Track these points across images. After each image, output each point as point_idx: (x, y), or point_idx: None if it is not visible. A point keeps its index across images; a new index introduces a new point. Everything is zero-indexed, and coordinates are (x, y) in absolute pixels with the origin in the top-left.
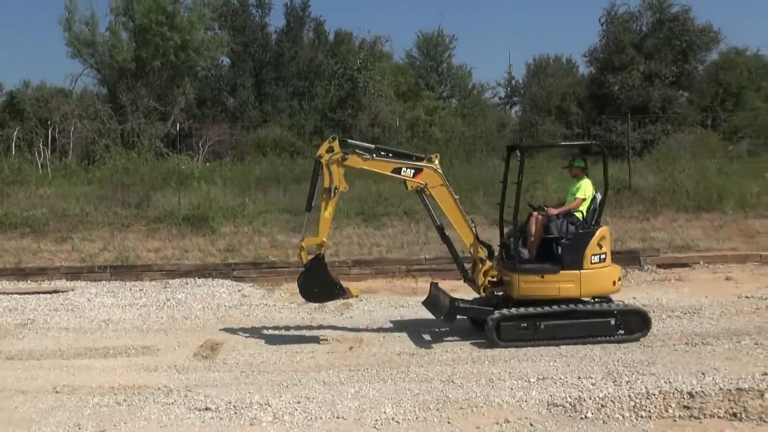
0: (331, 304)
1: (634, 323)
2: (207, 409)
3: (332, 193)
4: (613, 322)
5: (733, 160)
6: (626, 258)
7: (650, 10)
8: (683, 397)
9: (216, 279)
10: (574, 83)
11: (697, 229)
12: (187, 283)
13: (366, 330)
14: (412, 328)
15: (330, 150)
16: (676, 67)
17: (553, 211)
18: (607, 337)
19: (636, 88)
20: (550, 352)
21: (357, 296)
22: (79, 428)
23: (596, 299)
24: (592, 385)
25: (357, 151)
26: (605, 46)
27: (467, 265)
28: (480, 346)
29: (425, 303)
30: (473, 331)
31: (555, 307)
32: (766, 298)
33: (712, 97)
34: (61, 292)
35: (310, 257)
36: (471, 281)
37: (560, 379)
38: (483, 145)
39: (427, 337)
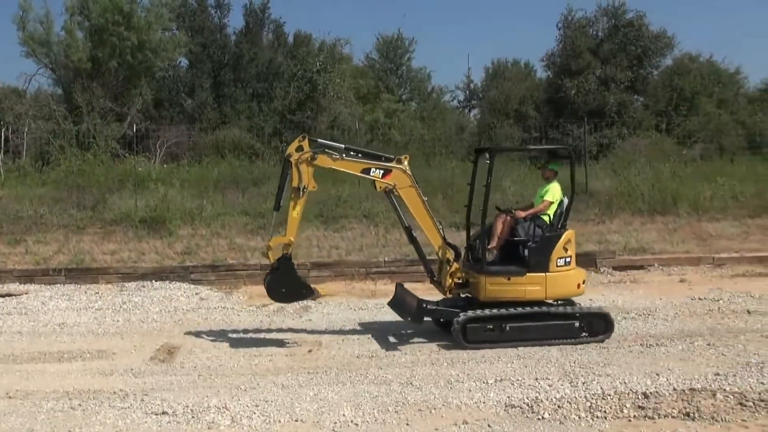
0: (290, 307)
1: (597, 326)
2: (164, 413)
3: (301, 193)
4: (577, 324)
5: (686, 164)
6: (582, 260)
7: (606, 15)
8: (638, 398)
9: (173, 282)
10: (531, 87)
11: (652, 231)
12: (143, 286)
13: (325, 332)
14: (371, 331)
15: (299, 149)
16: (631, 72)
17: (521, 214)
18: (571, 339)
19: (592, 93)
20: (508, 353)
21: (325, 296)
22: None
23: (559, 302)
24: (549, 386)
25: (327, 150)
26: (562, 51)
27: (434, 267)
28: (442, 347)
29: (391, 304)
30: (433, 332)
31: (520, 309)
32: (718, 300)
33: (667, 102)
34: (15, 295)
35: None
36: (437, 283)
37: (518, 380)
38: (442, 148)
39: (386, 339)
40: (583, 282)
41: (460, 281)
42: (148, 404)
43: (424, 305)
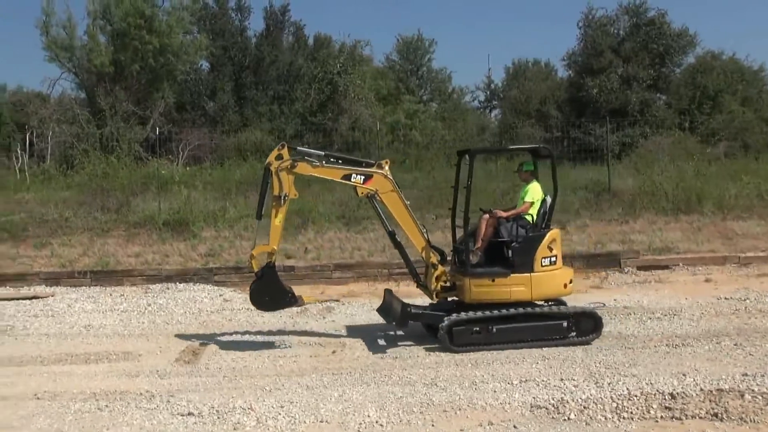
0: (313, 308)
1: (585, 325)
2: (190, 414)
3: (282, 201)
4: (565, 324)
5: (710, 162)
6: (606, 260)
7: (627, 14)
8: (665, 398)
9: (197, 284)
10: (553, 87)
11: (676, 231)
12: (168, 288)
13: (348, 334)
14: (394, 332)
15: (279, 157)
16: (653, 71)
17: (502, 214)
18: (560, 340)
19: (614, 92)
20: (532, 354)
21: (312, 303)
22: None
23: (550, 302)
24: (575, 386)
25: (306, 158)
26: (583, 50)
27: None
28: (436, 350)
29: (379, 310)
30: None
31: (506, 311)
32: (745, 300)
33: (690, 100)
34: (41, 297)
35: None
36: (424, 287)
37: (543, 381)
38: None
39: (409, 340)
40: (570, 281)
41: (447, 284)
42: (174, 405)
43: (409, 309)
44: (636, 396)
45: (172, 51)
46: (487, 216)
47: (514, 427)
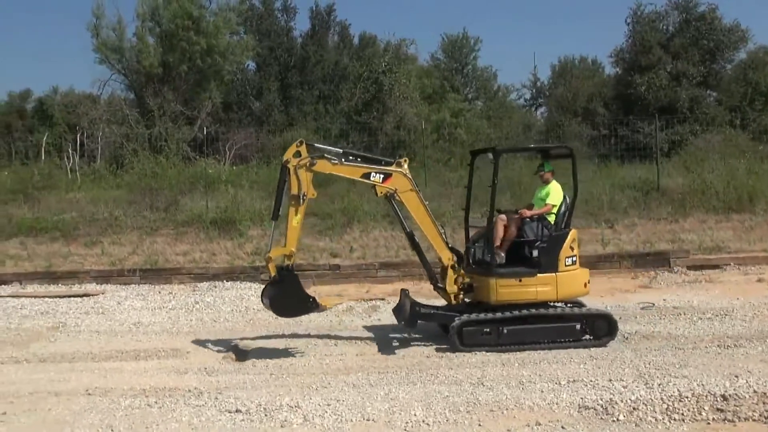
0: (359, 307)
1: (600, 327)
2: (237, 411)
3: (301, 200)
4: (578, 326)
5: (763, 160)
6: (655, 259)
7: (677, 9)
8: (716, 400)
9: (244, 282)
10: (600, 84)
11: (728, 230)
12: (215, 287)
13: (394, 332)
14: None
15: (297, 155)
16: (703, 67)
17: (527, 213)
18: (573, 342)
19: (663, 89)
20: (580, 354)
21: (331, 308)
22: (112, 430)
23: (567, 303)
24: (624, 387)
25: (325, 155)
26: (631, 47)
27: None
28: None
29: (394, 310)
30: None
31: (518, 312)
32: None
33: (741, 97)
34: (92, 295)
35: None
36: (442, 289)
37: (591, 381)
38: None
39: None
40: (588, 281)
41: (463, 286)
42: (222, 402)
43: (418, 309)
44: (687, 397)
45: (219, 51)
46: (504, 216)
47: (562, 427)
